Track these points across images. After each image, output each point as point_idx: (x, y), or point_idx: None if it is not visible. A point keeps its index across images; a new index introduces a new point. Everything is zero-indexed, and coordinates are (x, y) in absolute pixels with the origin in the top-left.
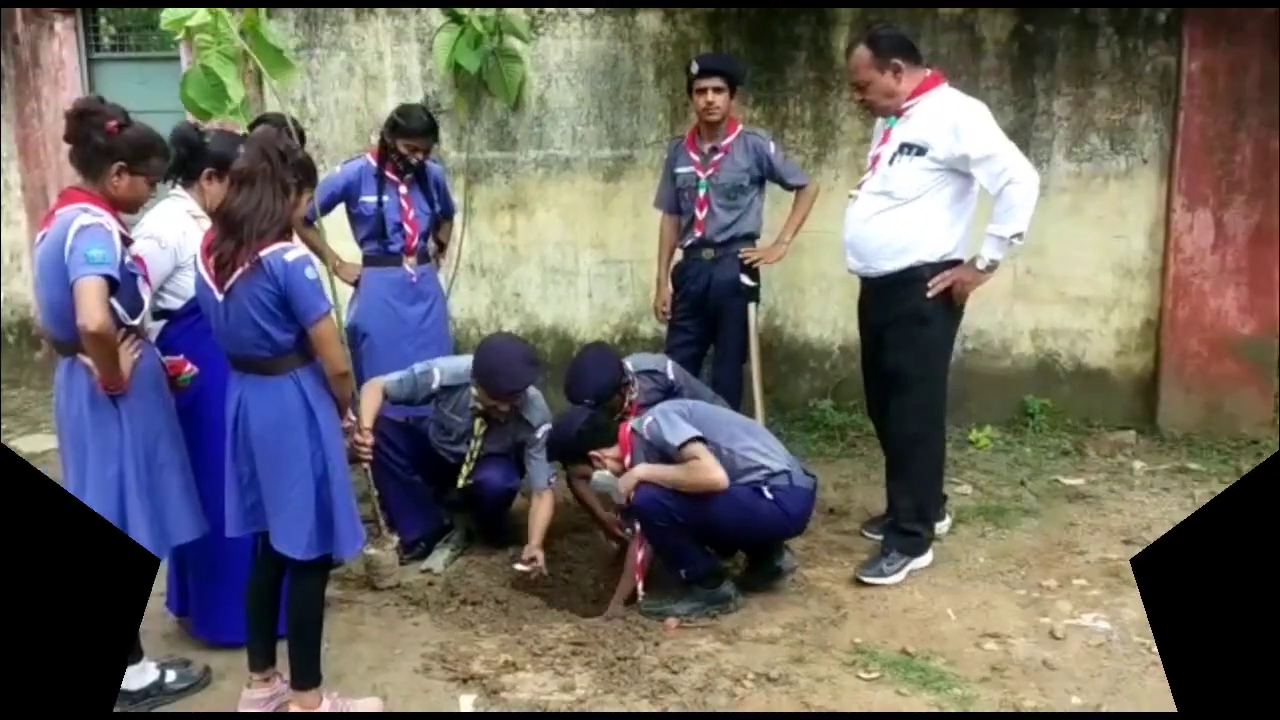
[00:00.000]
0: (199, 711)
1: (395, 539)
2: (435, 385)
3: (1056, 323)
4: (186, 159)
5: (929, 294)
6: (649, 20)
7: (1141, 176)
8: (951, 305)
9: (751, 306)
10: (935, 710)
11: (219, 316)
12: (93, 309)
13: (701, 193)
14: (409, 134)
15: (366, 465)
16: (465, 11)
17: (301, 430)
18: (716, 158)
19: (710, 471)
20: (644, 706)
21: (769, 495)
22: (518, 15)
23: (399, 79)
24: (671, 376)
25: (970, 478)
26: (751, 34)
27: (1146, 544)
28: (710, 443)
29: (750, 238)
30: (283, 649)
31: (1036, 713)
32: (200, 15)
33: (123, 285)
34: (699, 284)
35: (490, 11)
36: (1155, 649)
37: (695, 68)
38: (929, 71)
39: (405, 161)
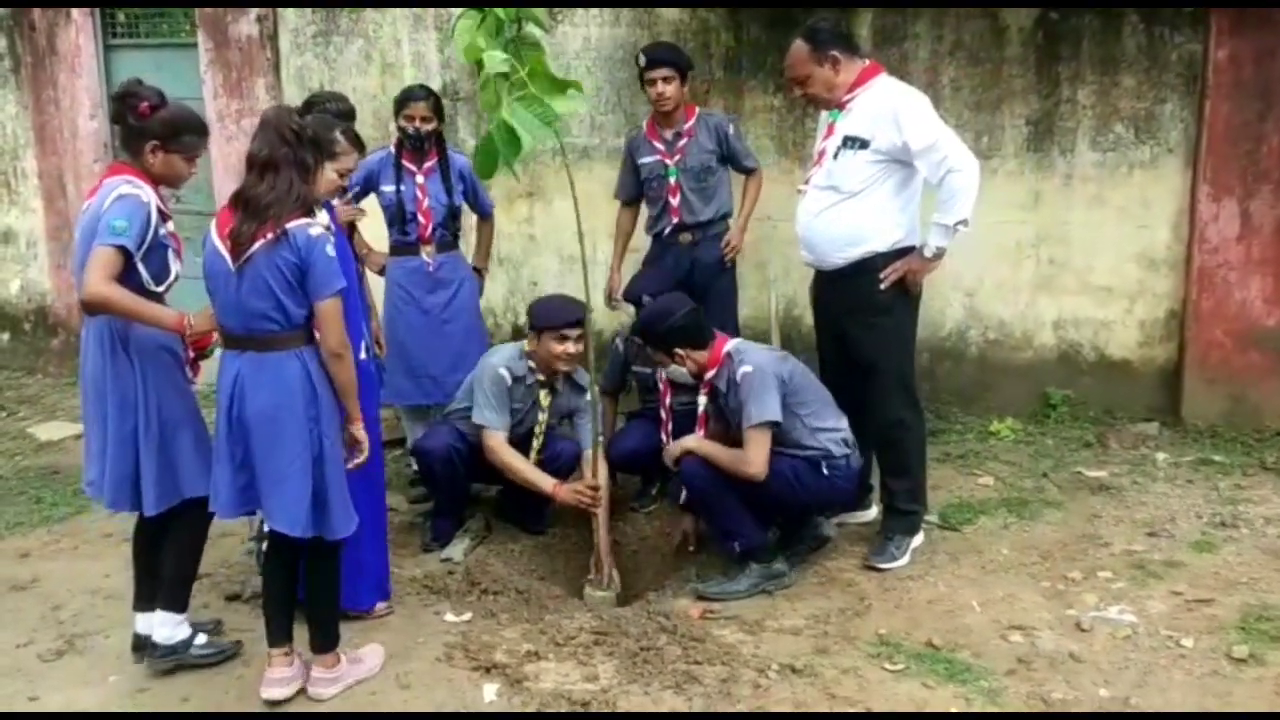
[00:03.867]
0: (210, 711)
1: (616, 578)
2: (509, 381)
3: (1079, 313)
4: None
5: (882, 285)
6: (669, 8)
7: (1166, 166)
8: (908, 293)
9: (773, 296)
10: (963, 702)
11: (228, 288)
12: (93, 275)
13: (672, 180)
14: (405, 102)
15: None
16: None
17: (301, 407)
18: (682, 143)
19: (750, 465)
20: (668, 697)
21: (825, 471)
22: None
23: (417, 66)
24: None
25: (992, 469)
26: (773, 21)
27: (1171, 536)
28: (790, 413)
29: (726, 216)
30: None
31: (1063, 713)
32: (499, 59)
33: (152, 254)
34: (681, 269)
35: None
36: (1183, 641)
37: (643, 59)
38: (867, 62)
39: (407, 134)
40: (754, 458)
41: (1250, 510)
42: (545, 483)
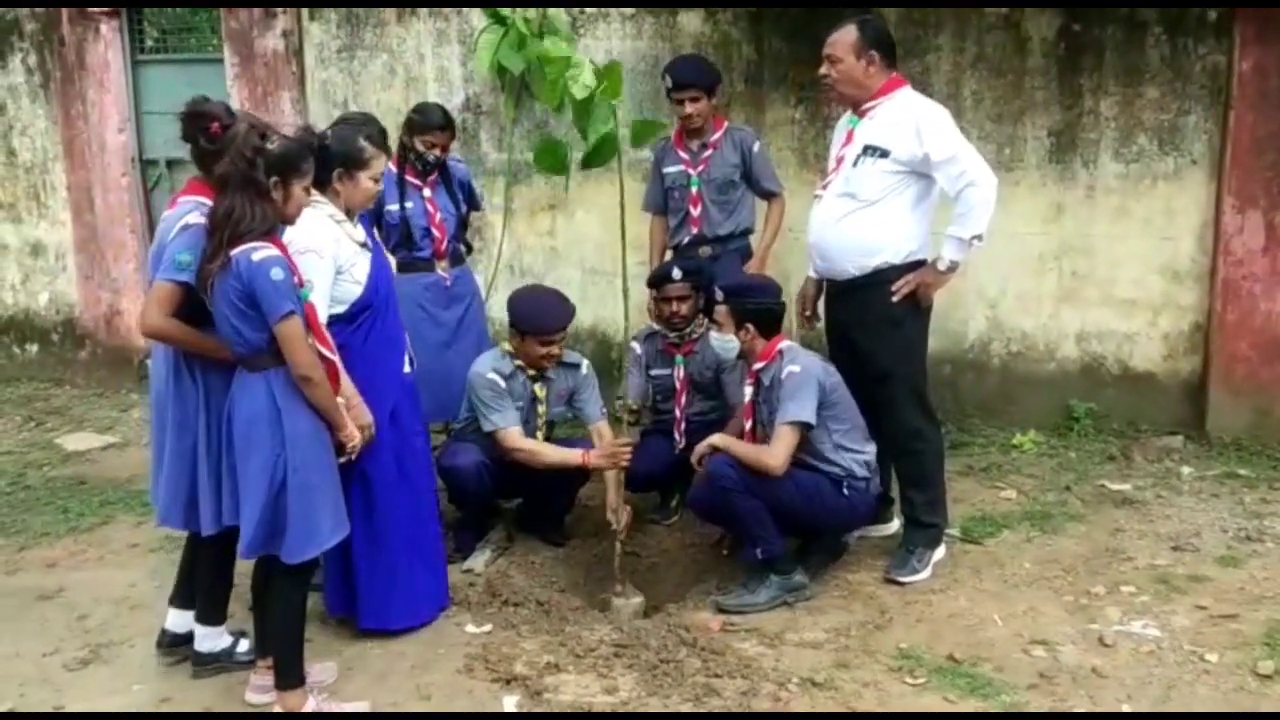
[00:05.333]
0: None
1: (639, 593)
2: (502, 384)
3: (1103, 325)
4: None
5: (894, 298)
6: (690, 20)
7: (1190, 178)
8: (919, 305)
9: (793, 309)
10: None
11: (214, 313)
12: (150, 310)
13: (694, 190)
14: (426, 129)
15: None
16: (508, 12)
17: (265, 431)
18: (706, 154)
19: (772, 458)
20: (687, 710)
21: (846, 492)
22: (560, 16)
23: (440, 80)
24: None
25: (1014, 482)
26: (794, 33)
27: (1195, 550)
28: (822, 425)
29: (747, 233)
30: None
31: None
32: (587, 72)
33: None
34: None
35: (533, 12)
36: (1207, 657)
37: (669, 80)
38: (894, 74)
39: (423, 159)
40: (776, 451)
41: (1276, 524)
42: (574, 456)
